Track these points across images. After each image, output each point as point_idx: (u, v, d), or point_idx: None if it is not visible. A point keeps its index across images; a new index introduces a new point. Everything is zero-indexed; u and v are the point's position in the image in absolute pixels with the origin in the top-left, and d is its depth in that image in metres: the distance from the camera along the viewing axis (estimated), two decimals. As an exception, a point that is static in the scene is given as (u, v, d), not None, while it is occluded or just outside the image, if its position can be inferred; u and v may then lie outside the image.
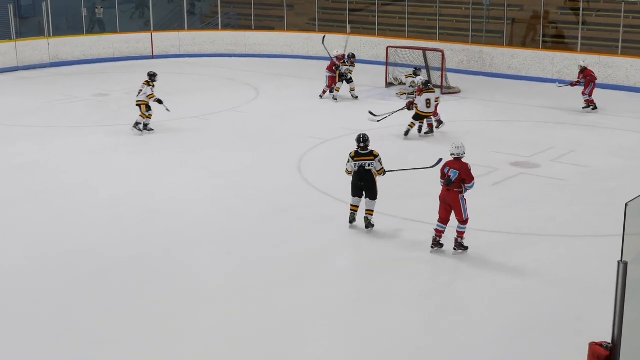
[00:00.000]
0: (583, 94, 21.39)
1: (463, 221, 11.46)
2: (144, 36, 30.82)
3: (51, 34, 28.94)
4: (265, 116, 20.97)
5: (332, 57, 22.86)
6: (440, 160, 13.01)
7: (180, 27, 31.78)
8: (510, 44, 27.27)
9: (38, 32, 29.03)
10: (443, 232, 11.59)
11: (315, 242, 12.27)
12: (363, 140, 12.40)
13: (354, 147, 12.46)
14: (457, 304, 10.38)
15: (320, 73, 25.23)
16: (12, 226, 12.94)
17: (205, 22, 33.26)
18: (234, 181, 15.23)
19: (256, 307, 10.08)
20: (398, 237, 12.41)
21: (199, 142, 18.23)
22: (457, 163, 11.49)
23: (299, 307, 10.09)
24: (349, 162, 12.46)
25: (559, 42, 27.19)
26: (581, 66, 21.53)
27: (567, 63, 25.15)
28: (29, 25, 29.33)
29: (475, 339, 9.34)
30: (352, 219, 12.60)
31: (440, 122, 19.02)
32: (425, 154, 16.37)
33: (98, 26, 31.12)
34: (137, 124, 18.88)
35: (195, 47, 31.31)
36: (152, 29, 31.09)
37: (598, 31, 26.15)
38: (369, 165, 12.33)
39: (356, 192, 12.50)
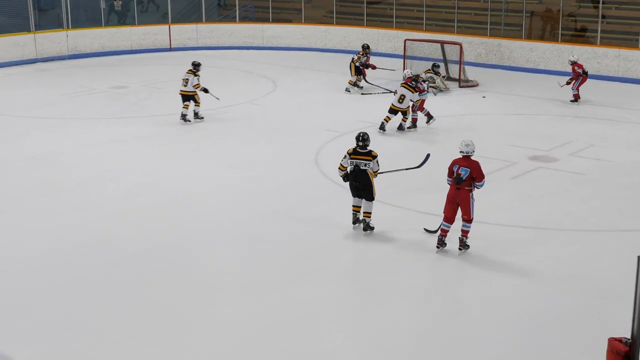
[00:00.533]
0: (572, 88, 21.36)
1: (469, 220, 11.29)
2: (162, 28, 30.88)
3: (70, 26, 29.04)
4: (282, 109, 20.96)
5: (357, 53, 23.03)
6: (428, 156, 12.98)
7: (197, 20, 31.80)
8: (529, 37, 27.13)
9: (57, 25, 29.12)
10: (448, 231, 11.43)
11: (329, 235, 12.24)
12: (362, 139, 11.91)
13: (370, 140, 12.28)
14: (472, 300, 10.34)
15: (337, 66, 25.27)
16: (29, 217, 13.00)
17: (223, 14, 33.28)
18: (250, 174, 15.23)
19: (269, 302, 10.10)
20: (405, 232, 12.35)
21: (216, 135, 18.26)
22: (467, 161, 11.25)
23: (311, 302, 10.10)
24: (345, 157, 12.03)
25: (578, 35, 27.04)
26: (571, 61, 21.52)
27: (587, 56, 24.98)
28: (47, 18, 29.43)
29: (489, 335, 9.31)
30: (355, 220, 12.29)
31: (430, 117, 18.82)
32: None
33: (116, 18, 31.19)
34: (196, 114, 19.36)
35: (212, 40, 31.34)
36: (169, 21, 31.14)
37: (618, 24, 25.99)
38: (365, 165, 11.84)
39: (355, 192, 12.13)
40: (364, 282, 10.87)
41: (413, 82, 18.20)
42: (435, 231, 11.71)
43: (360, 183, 11.94)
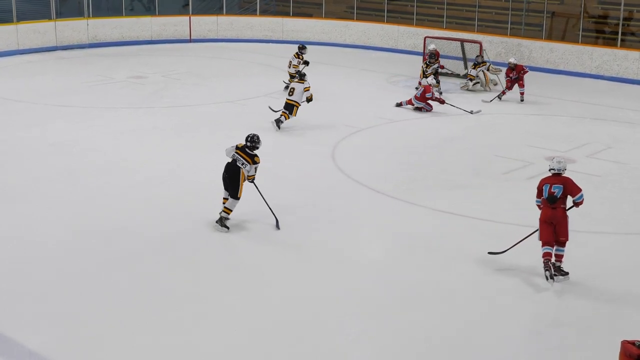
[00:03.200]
0: (521, 86, 21.55)
1: (564, 242, 10.54)
2: (182, 19, 30.94)
3: (90, 15, 29.13)
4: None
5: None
6: (277, 224, 12.20)
7: (218, 12, 31.85)
8: (549, 37, 27.04)
9: (77, 13, 29.21)
10: (552, 254, 10.58)
11: (347, 229, 12.27)
12: (252, 141, 12.02)
13: (388, 136, 12.31)
14: (488, 299, 10.31)
15: (356, 61, 25.26)
16: (48, 205, 13.06)
17: (244, 7, 33.30)
18: (267, 166, 15.20)
19: (285, 294, 10.15)
20: (428, 229, 12.39)
21: (233, 127, 18.25)
22: (558, 178, 10.64)
23: (329, 295, 10.13)
24: (232, 147, 12.09)
25: (598, 37, 26.93)
26: (513, 63, 21.56)
27: (607, 58, 24.91)
28: (68, 6, 29.54)
29: (501, 336, 9.31)
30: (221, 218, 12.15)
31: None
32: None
33: (137, 8, 31.27)
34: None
35: (232, 32, 31.38)
36: (190, 12, 31.19)
37: (639, 27, 25.86)
38: (242, 164, 11.91)
39: (224, 184, 12.10)
40: (384, 279, 10.79)
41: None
42: (502, 252, 11.18)
43: (230, 177, 11.94)
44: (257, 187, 12.26)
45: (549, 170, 10.76)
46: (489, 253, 11.25)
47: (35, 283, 10.25)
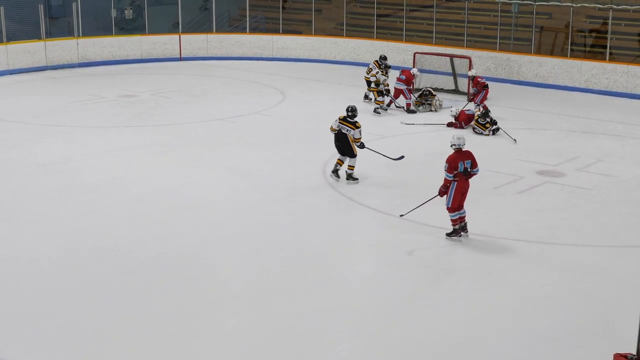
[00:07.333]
0: (474, 102, 21.46)
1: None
2: (172, 38, 30.97)
3: (80, 34, 29.15)
4: (291, 120, 21.00)
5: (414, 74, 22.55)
6: (402, 157, 15.79)
7: (208, 30, 31.91)
8: (538, 51, 27.15)
9: (67, 32, 29.24)
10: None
11: (339, 246, 12.29)
12: (351, 110, 15.15)
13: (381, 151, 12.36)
14: (480, 314, 10.33)
15: (346, 77, 25.33)
16: (38, 223, 13.06)
17: (233, 25, 33.36)
18: (258, 184, 15.27)
19: (278, 311, 10.14)
20: (420, 244, 12.41)
21: (224, 145, 18.29)
22: (465, 153, 12.30)
23: (321, 312, 10.13)
24: (335, 121, 15.20)
25: (587, 50, 27.05)
26: (471, 76, 21.90)
27: (595, 72, 25.02)
28: (58, 25, 29.54)
29: (498, 348, 9.32)
30: (334, 169, 15.29)
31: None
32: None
33: (127, 27, 31.30)
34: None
35: (222, 50, 31.42)
36: (180, 31, 31.24)
37: (627, 40, 26.01)
38: (347, 130, 15.01)
39: (338, 150, 15.24)
40: (376, 295, 10.83)
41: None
42: (408, 212, 13.12)
43: (341, 143, 15.11)
44: (366, 146, 15.36)
45: (451, 146, 12.37)
46: (400, 216, 13.23)
47: (26, 302, 10.23)
